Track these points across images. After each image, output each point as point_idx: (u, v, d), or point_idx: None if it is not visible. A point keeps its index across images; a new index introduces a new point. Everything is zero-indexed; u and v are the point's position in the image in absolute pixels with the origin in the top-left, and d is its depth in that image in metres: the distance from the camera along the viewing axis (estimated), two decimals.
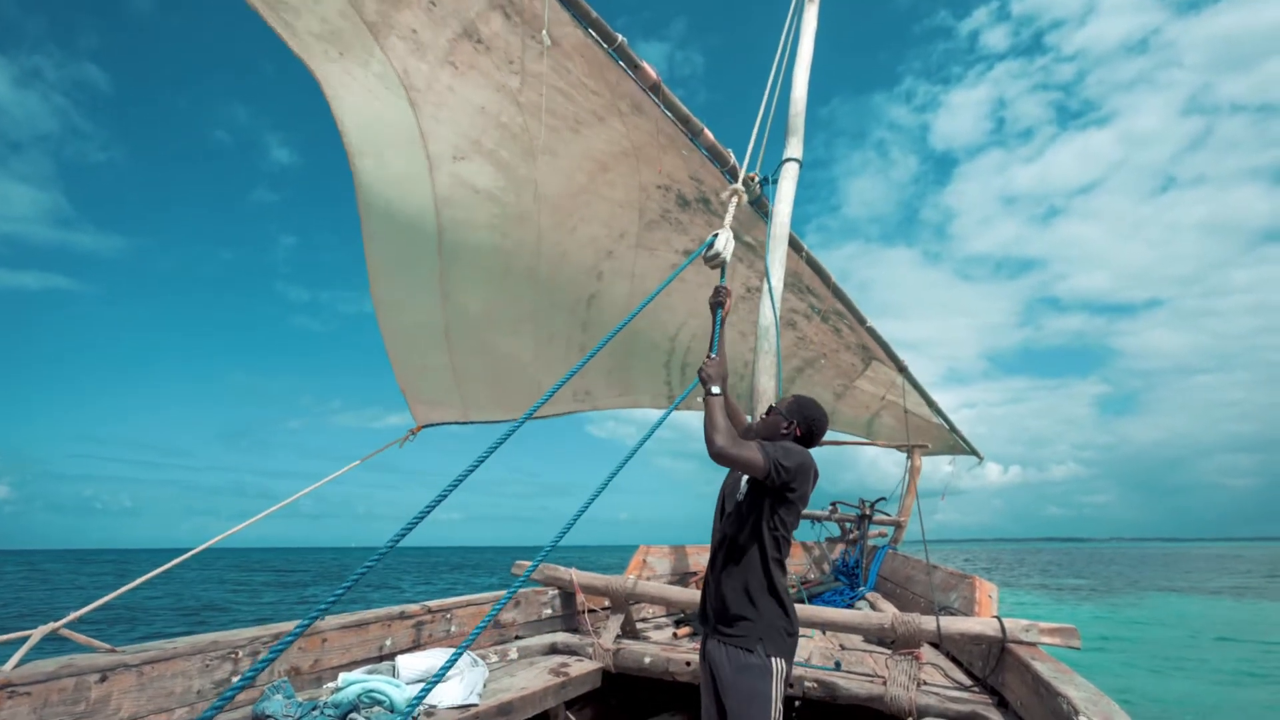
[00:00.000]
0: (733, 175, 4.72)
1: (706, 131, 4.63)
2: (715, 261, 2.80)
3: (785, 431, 2.48)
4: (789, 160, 4.93)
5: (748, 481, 2.39)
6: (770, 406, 2.63)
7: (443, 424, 6.00)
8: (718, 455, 2.18)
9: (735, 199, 2.99)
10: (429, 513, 1.87)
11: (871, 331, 7.57)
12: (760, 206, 5.22)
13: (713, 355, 2.54)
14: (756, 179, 4.88)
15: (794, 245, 5.79)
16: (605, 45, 3.90)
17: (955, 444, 10.53)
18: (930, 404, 9.24)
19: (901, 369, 8.45)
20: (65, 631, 2.39)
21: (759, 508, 2.32)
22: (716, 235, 2.81)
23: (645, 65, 4.05)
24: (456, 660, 1.66)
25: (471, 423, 6.22)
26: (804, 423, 2.50)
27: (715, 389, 2.36)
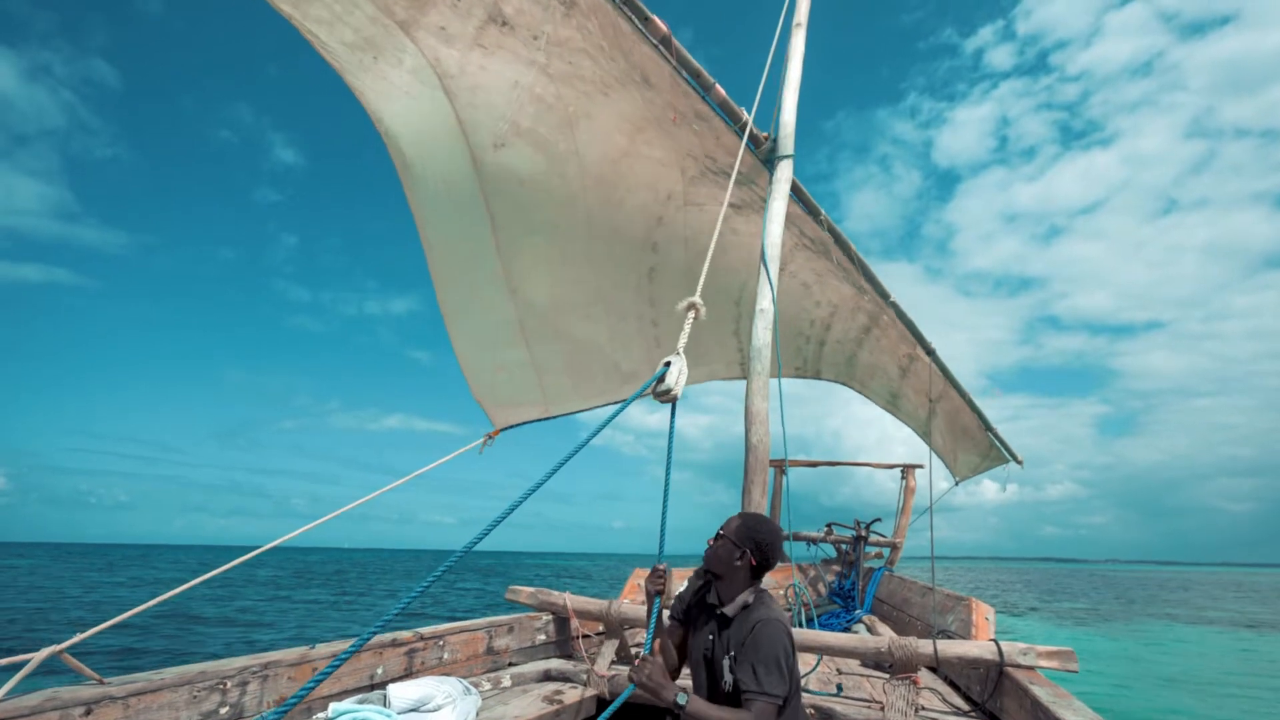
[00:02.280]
0: (744, 132, 4.59)
1: (718, 87, 4.49)
2: (666, 397, 2.23)
3: (739, 563, 2.14)
4: (783, 158, 4.77)
5: (730, 671, 2.08)
6: (717, 532, 2.24)
7: (523, 424, 6.07)
8: None
9: (693, 314, 2.60)
10: (515, 508, 1.78)
11: (895, 308, 7.02)
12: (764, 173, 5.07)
13: (647, 654, 2.10)
14: (766, 138, 4.81)
15: (812, 211, 5.65)
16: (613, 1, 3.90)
17: (990, 450, 9.36)
18: (962, 395, 8.26)
19: (929, 351, 7.62)
20: (63, 656, 2.35)
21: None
22: (668, 364, 2.24)
23: (655, 18, 4.01)
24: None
25: (553, 417, 6.31)
26: (757, 550, 2.14)
27: (683, 698, 1.98)
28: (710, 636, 2.20)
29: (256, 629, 15.16)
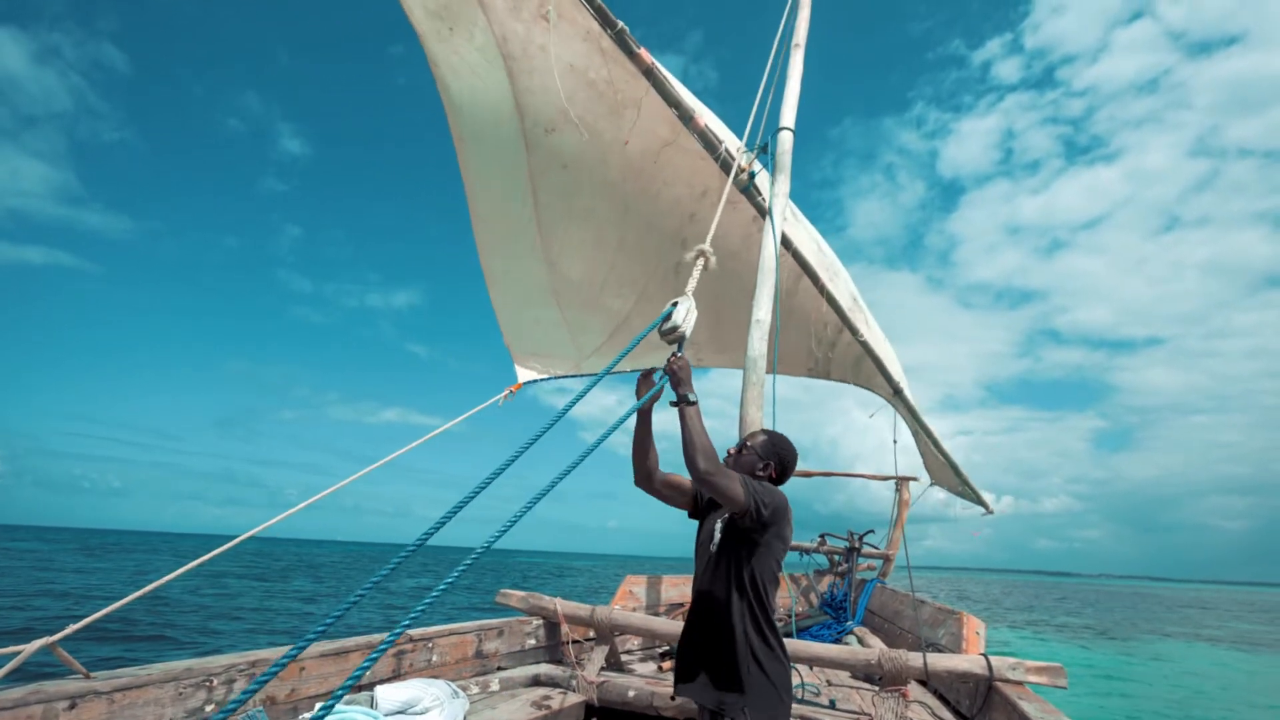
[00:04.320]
0: (725, 168, 4.77)
1: (697, 117, 4.65)
2: (673, 336, 2.30)
3: (762, 473, 2.28)
4: (778, 175, 4.82)
5: (723, 528, 2.19)
6: (741, 443, 2.39)
7: (550, 378, 6.16)
8: (704, 478, 1.94)
9: (702, 261, 2.64)
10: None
11: (865, 345, 7.03)
12: (755, 195, 5.24)
13: (679, 354, 2.20)
14: (748, 171, 4.90)
15: (784, 242, 5.60)
16: (607, 30, 4.10)
17: (962, 488, 9.46)
18: (931, 440, 8.36)
19: (897, 391, 7.62)
20: (54, 649, 2.34)
21: (738, 556, 2.10)
22: (675, 304, 2.31)
23: (641, 51, 4.25)
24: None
25: (584, 375, 6.50)
26: (779, 463, 2.31)
27: (693, 396, 2.08)
28: (714, 526, 2.26)
29: (239, 626, 15.08)
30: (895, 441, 8.00)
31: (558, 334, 6.16)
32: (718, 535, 2.19)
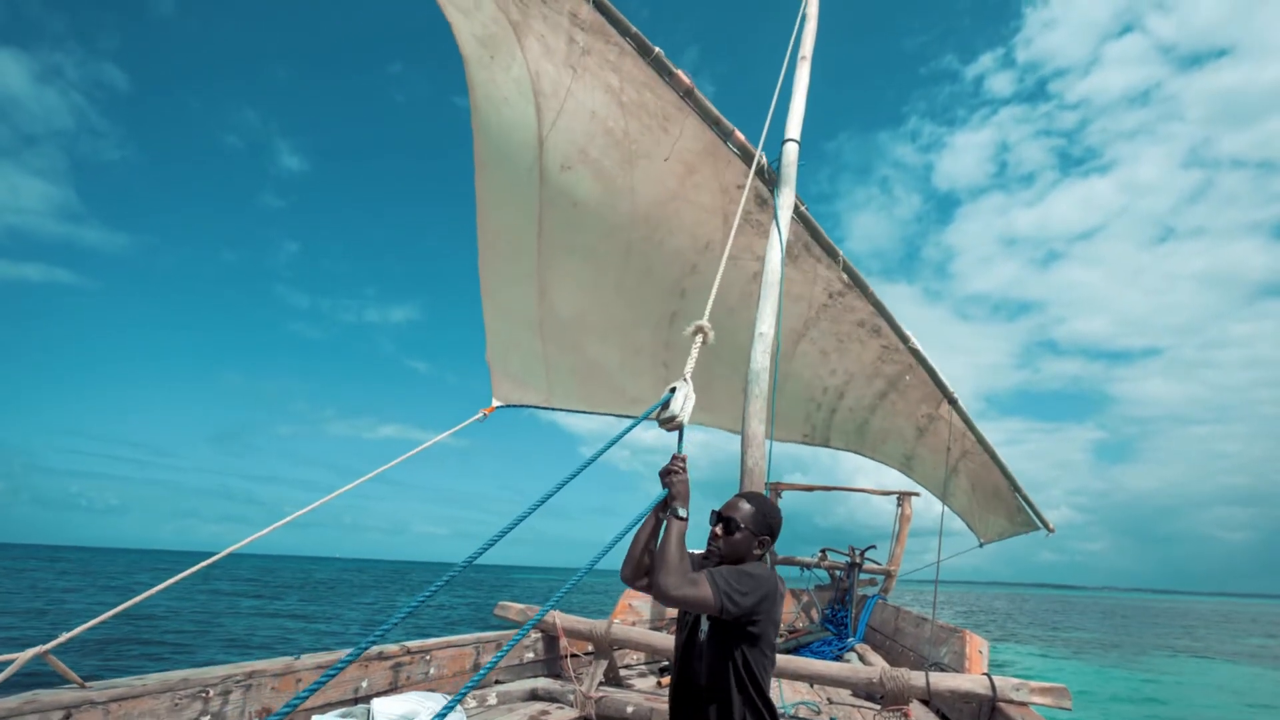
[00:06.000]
0: (753, 164, 4.66)
1: (737, 133, 4.79)
2: (671, 425, 2.14)
3: (759, 551, 2.13)
4: (784, 186, 4.76)
5: (708, 619, 2.03)
6: (725, 519, 2.14)
7: (521, 405, 6.24)
8: (665, 596, 1.85)
9: (700, 338, 2.43)
10: (515, 525, 1.76)
11: (917, 354, 6.52)
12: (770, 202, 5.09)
13: (681, 457, 2.10)
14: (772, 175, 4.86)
15: (814, 232, 5.56)
16: (644, 57, 4.26)
17: (1018, 513, 8.12)
18: (987, 449, 7.37)
19: (951, 400, 6.94)
20: (47, 657, 2.33)
21: (728, 646, 1.96)
22: (673, 390, 2.16)
23: (679, 72, 4.39)
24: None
25: (553, 409, 6.46)
26: (771, 534, 2.15)
27: (684, 513, 1.99)
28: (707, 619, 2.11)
29: (232, 638, 15.01)
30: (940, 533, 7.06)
31: (536, 365, 6.17)
32: (705, 624, 2.05)
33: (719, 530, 2.13)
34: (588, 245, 5.47)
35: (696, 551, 2.21)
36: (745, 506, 2.15)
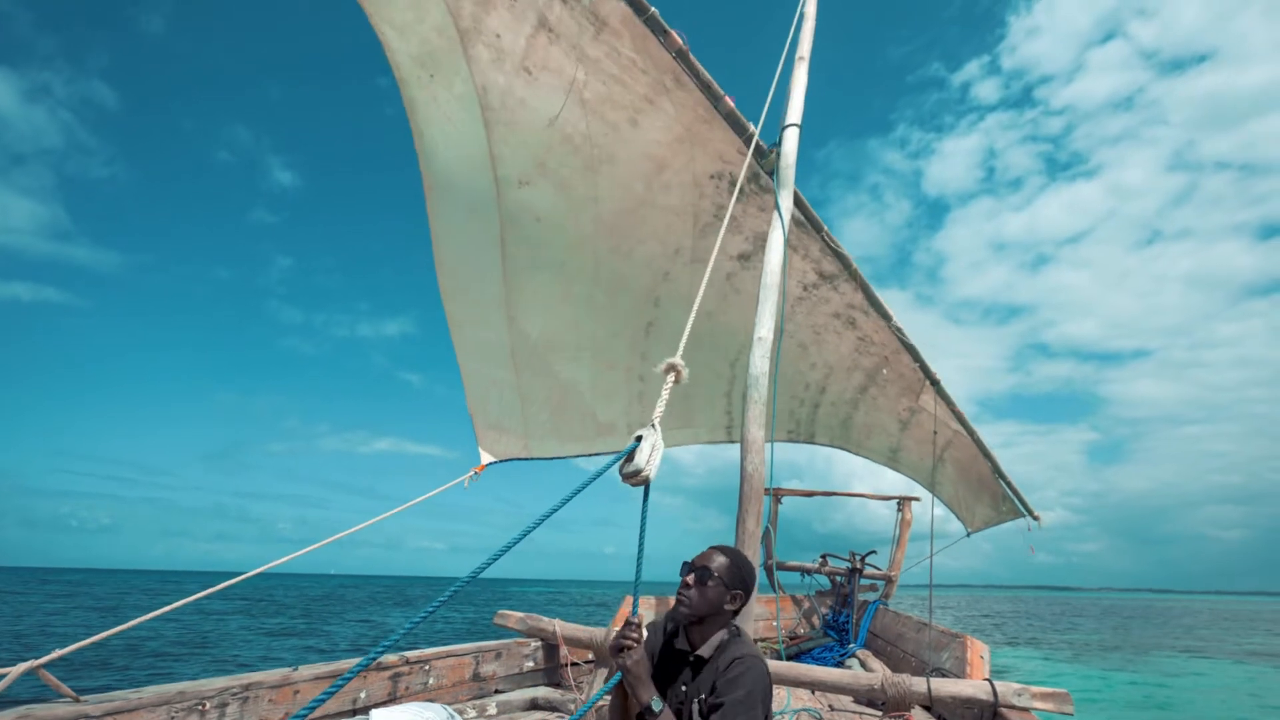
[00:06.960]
0: (751, 144, 4.64)
1: (727, 99, 4.61)
2: (636, 480, 1.95)
3: (730, 605, 2.00)
4: (784, 188, 4.68)
5: (700, 715, 1.88)
6: (699, 565, 2.02)
7: (505, 460, 6.03)
8: None
9: (673, 377, 2.24)
10: (508, 550, 1.68)
11: (899, 333, 6.45)
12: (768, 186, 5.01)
13: (631, 639, 1.87)
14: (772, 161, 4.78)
15: (813, 224, 5.48)
16: (639, 15, 4.07)
17: (1003, 501, 8.23)
18: (969, 432, 7.40)
19: (934, 382, 6.85)
20: (40, 672, 2.30)
21: None
22: (640, 439, 1.97)
23: (673, 32, 4.22)
24: None
25: (532, 459, 6.26)
26: (745, 591, 2.03)
27: (657, 705, 1.79)
28: (683, 686, 1.97)
29: (230, 656, 14.92)
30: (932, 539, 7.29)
31: (511, 400, 5.91)
32: (696, 716, 1.89)
33: (690, 580, 1.99)
34: (555, 260, 5.30)
35: (670, 598, 2.04)
36: (720, 558, 2.02)
